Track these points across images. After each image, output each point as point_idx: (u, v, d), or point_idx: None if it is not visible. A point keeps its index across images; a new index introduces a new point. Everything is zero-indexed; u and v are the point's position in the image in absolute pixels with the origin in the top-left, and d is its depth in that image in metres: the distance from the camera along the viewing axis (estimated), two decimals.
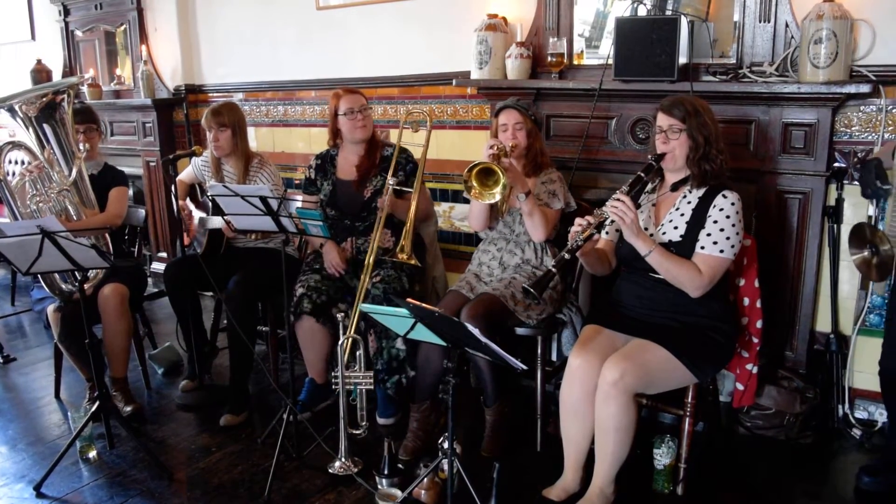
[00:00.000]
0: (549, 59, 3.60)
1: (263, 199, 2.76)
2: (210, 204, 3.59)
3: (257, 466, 3.02)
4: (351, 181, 3.44)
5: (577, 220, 2.54)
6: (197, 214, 3.76)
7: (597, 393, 2.51)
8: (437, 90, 4.19)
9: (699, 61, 3.32)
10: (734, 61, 3.28)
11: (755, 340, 2.87)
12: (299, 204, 3.04)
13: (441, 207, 4.24)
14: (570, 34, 3.64)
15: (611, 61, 3.35)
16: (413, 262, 3.13)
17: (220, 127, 3.57)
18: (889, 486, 2.75)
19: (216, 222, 3.53)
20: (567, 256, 2.52)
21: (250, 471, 3.00)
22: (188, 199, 3.90)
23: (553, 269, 2.52)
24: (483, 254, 3.25)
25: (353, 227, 3.38)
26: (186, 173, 3.93)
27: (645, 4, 3.41)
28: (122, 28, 5.64)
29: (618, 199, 2.49)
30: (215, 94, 5.29)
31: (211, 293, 4.16)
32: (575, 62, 3.68)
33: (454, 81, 3.86)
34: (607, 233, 2.60)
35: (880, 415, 3.20)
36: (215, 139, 3.58)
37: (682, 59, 3.24)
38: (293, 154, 4.98)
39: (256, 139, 5.13)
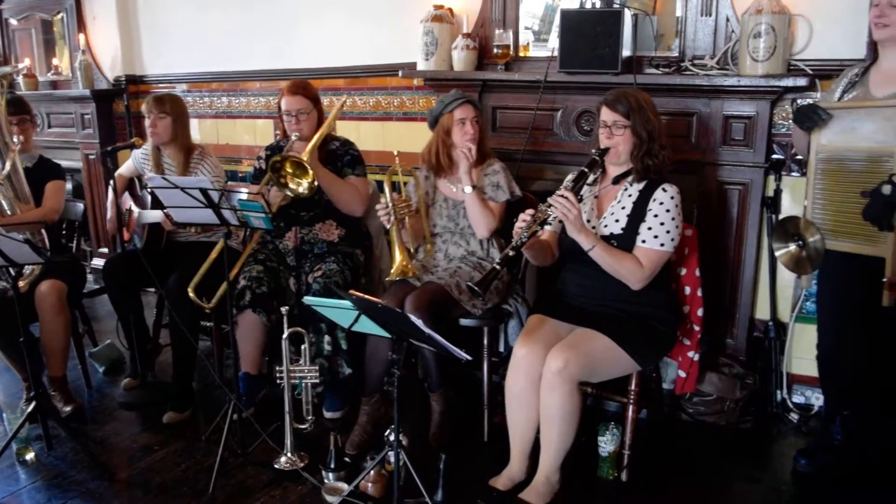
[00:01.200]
0: (495, 50, 3.61)
1: (204, 191, 2.71)
2: (149, 198, 3.51)
3: (201, 464, 2.97)
4: None
5: (521, 217, 2.55)
6: (136, 209, 3.67)
7: (542, 382, 2.53)
8: (384, 81, 4.17)
9: (643, 54, 3.37)
10: (677, 55, 3.33)
11: (696, 328, 2.92)
12: (244, 196, 2.99)
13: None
14: (515, 26, 3.65)
15: (556, 53, 3.36)
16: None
17: (160, 114, 3.49)
18: (824, 467, 2.83)
19: (155, 216, 3.45)
20: (511, 254, 2.52)
21: (194, 468, 2.95)
22: (127, 193, 3.80)
23: (498, 267, 2.52)
24: (422, 253, 3.24)
25: (298, 216, 3.34)
26: (126, 167, 3.84)
27: None
28: (59, 16, 5.47)
29: (561, 195, 2.50)
30: (157, 85, 5.17)
31: (153, 289, 4.07)
32: (521, 54, 3.69)
33: (400, 73, 3.84)
34: (550, 224, 2.61)
35: (816, 399, 3.30)
36: (153, 125, 3.50)
37: (626, 52, 3.28)
38: (238, 146, 4.91)
39: (200, 131, 5.03)
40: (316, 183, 3.00)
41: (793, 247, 2.66)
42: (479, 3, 3.71)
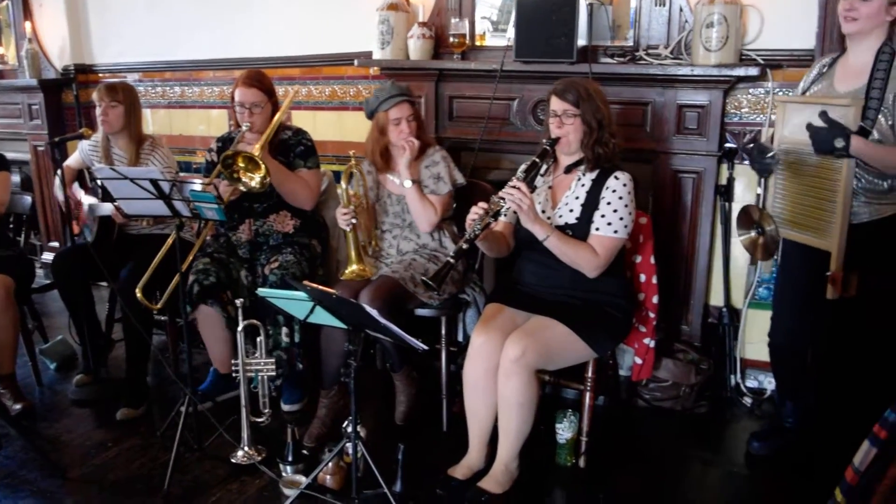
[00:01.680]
0: (452, 39, 3.59)
1: (154, 182, 2.65)
2: (100, 190, 3.43)
3: (156, 460, 2.92)
4: None
5: (474, 209, 2.54)
6: (87, 201, 3.59)
7: (499, 370, 2.54)
8: (340, 71, 4.12)
9: (598, 44, 3.39)
10: (631, 44, 3.35)
11: (651, 315, 2.95)
12: (197, 187, 2.93)
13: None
14: (472, 15, 3.64)
15: (512, 43, 3.36)
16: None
17: (112, 102, 3.41)
18: (776, 449, 2.89)
19: (105, 209, 3.37)
20: (465, 247, 2.52)
21: (149, 465, 2.90)
22: (77, 185, 3.71)
23: (452, 260, 2.52)
24: (380, 241, 3.22)
25: (252, 208, 3.29)
26: (73, 158, 3.74)
27: None
28: (4, 3, 5.29)
29: (514, 187, 2.49)
30: (107, 75, 5.05)
31: (105, 283, 3.99)
32: (477, 43, 3.68)
33: (356, 62, 3.80)
34: (505, 215, 2.61)
35: (769, 383, 3.36)
36: (104, 114, 3.42)
37: (582, 42, 3.30)
38: (192, 137, 4.82)
39: (153, 122, 4.94)
40: (268, 177, 2.95)
41: (753, 233, 2.71)
42: None
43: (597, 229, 2.62)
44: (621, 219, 2.61)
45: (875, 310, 2.58)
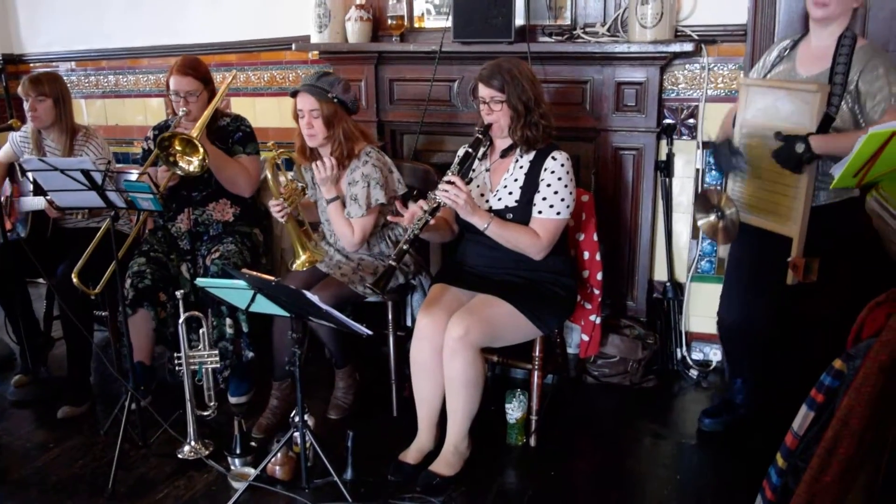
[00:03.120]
0: (390, 21, 3.56)
1: (86, 173, 2.57)
2: (31, 183, 3.32)
3: (100, 459, 2.85)
4: None
5: (411, 208, 2.52)
6: (22, 195, 3.47)
7: (444, 349, 2.53)
8: (278, 56, 4.05)
9: (537, 23, 3.38)
10: (569, 23, 3.35)
11: (596, 292, 2.97)
12: (132, 177, 2.86)
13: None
14: None
15: (451, 24, 3.34)
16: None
17: (38, 96, 3.28)
18: (727, 425, 2.94)
19: (37, 203, 3.27)
20: (405, 248, 2.51)
21: (92, 464, 2.83)
22: (8, 179, 3.59)
23: (393, 263, 2.50)
24: (324, 243, 3.15)
25: (190, 197, 3.22)
26: (3, 151, 3.61)
27: None
28: None
29: (449, 182, 2.48)
30: (38, 65, 4.88)
31: (41, 280, 3.87)
32: (416, 25, 3.65)
33: (294, 46, 3.74)
34: (439, 212, 2.59)
35: (714, 355, 3.43)
36: (33, 108, 3.30)
37: (520, 21, 3.29)
38: (129, 127, 4.69)
39: (88, 113, 4.79)
40: (206, 160, 2.89)
41: (712, 217, 2.68)
42: None
43: (539, 212, 2.62)
44: (562, 199, 2.61)
45: (828, 293, 2.60)
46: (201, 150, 2.85)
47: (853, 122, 2.41)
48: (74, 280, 2.94)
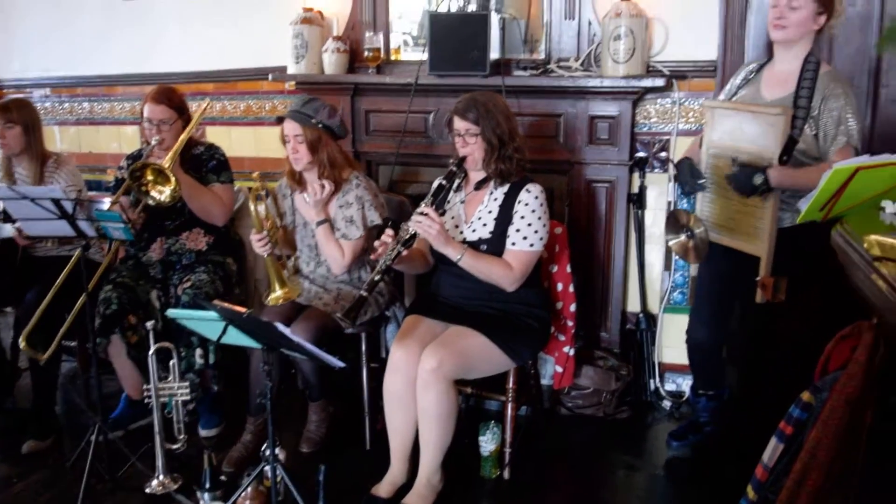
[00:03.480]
0: (366, 53, 3.59)
1: (57, 202, 2.55)
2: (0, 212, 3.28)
3: (66, 494, 2.77)
4: None
5: (383, 238, 2.53)
6: None
7: (417, 381, 2.52)
8: (255, 85, 4.06)
9: (512, 57, 3.43)
10: (543, 57, 3.41)
11: (570, 324, 2.99)
12: (103, 206, 2.84)
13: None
14: (386, 29, 3.64)
15: (427, 56, 3.37)
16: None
17: (7, 123, 3.26)
18: (694, 447, 2.96)
19: (5, 231, 3.22)
20: (377, 278, 2.51)
21: (58, 499, 2.76)
22: None
23: (365, 294, 2.50)
24: (299, 276, 3.14)
25: (163, 226, 3.20)
26: None
27: (457, 0, 3.47)
28: None
29: (422, 213, 2.49)
30: (12, 91, 4.84)
31: (9, 308, 3.81)
32: (393, 57, 3.68)
33: (270, 76, 3.75)
34: (412, 244, 2.59)
35: (687, 386, 3.44)
36: (1, 136, 3.27)
37: (495, 55, 3.33)
38: (103, 154, 4.66)
39: (62, 140, 4.76)
40: (179, 190, 2.87)
41: (682, 237, 2.72)
42: (350, 6, 3.68)
43: (512, 244, 2.63)
44: (536, 231, 2.63)
45: (793, 313, 2.64)
46: (173, 179, 2.84)
47: (815, 145, 2.49)
48: (22, 344, 2.90)
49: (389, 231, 2.54)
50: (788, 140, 2.41)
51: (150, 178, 2.89)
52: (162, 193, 2.89)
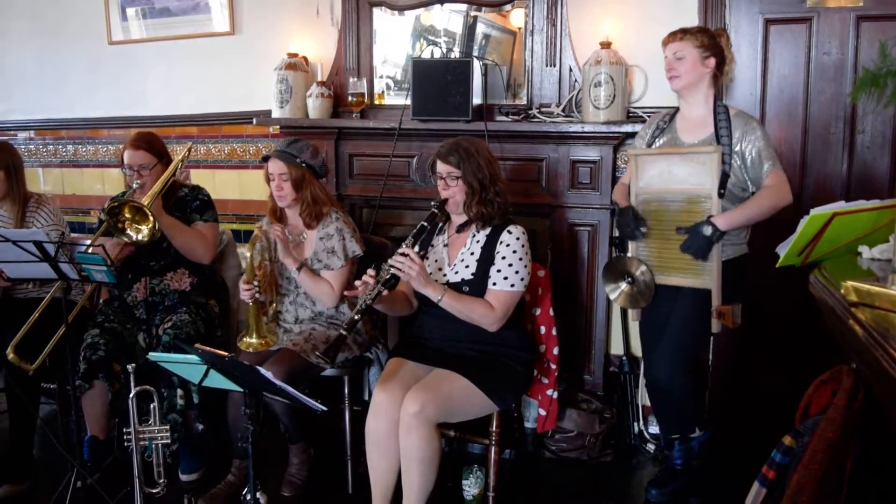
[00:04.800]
0: (350, 98, 3.63)
1: (39, 244, 2.54)
2: None
3: None
4: None
5: (364, 278, 2.55)
6: None
7: (399, 425, 2.50)
8: (240, 129, 4.10)
9: (494, 102, 3.49)
10: (525, 102, 3.47)
11: (553, 367, 2.99)
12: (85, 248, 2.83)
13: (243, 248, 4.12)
14: (370, 74, 3.70)
15: (410, 101, 3.42)
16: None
17: None
18: (674, 494, 2.94)
19: None
20: (357, 318, 2.53)
21: None
22: None
23: (344, 332, 2.50)
24: (279, 304, 3.15)
25: (148, 266, 3.19)
26: None
27: (440, 47, 3.54)
28: None
29: (402, 254, 2.51)
30: None
31: None
32: (377, 102, 3.73)
33: (255, 120, 3.79)
34: (391, 284, 2.60)
35: None
36: None
37: (478, 100, 3.39)
38: (87, 196, 4.65)
39: (46, 181, 4.76)
40: (157, 229, 2.88)
41: (623, 285, 2.82)
42: (334, 52, 3.74)
43: (493, 284, 2.65)
44: (517, 272, 2.65)
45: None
46: (151, 217, 2.85)
47: (743, 178, 2.67)
48: (10, 355, 2.86)
49: (371, 271, 2.55)
50: (722, 175, 2.61)
51: (127, 215, 2.89)
52: (139, 232, 2.89)
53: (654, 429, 3.48)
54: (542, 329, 3.00)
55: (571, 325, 3.39)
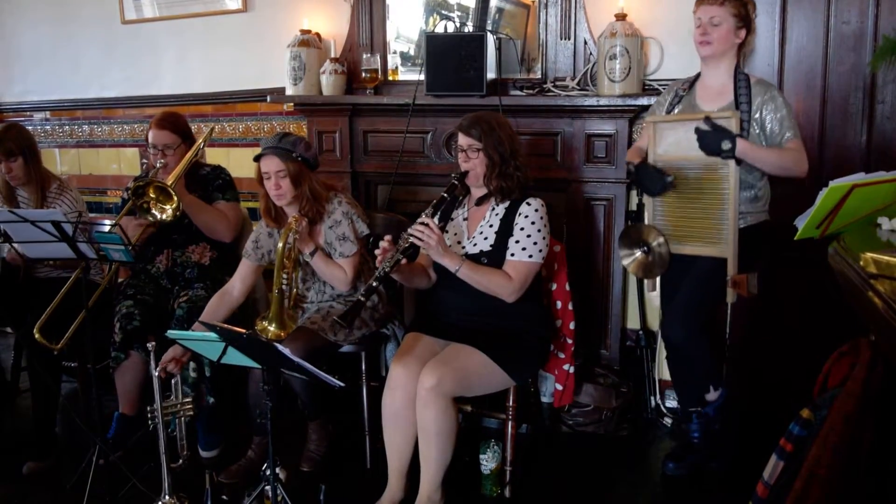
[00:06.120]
0: (364, 75, 3.62)
1: (56, 224, 2.56)
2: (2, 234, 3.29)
3: None
4: None
5: (383, 246, 2.55)
6: None
7: (416, 398, 2.52)
8: (253, 107, 4.10)
9: (508, 76, 3.46)
10: (540, 76, 3.44)
11: (569, 341, 2.99)
12: (105, 228, 2.86)
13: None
14: (384, 50, 3.68)
15: (424, 77, 3.40)
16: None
17: (8, 157, 3.26)
18: (691, 467, 2.95)
19: (4, 250, 3.24)
20: (375, 284, 2.53)
21: None
22: None
23: (363, 298, 2.51)
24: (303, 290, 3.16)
25: (171, 239, 3.22)
26: None
27: (454, 22, 3.51)
28: None
29: (422, 223, 2.52)
30: (12, 115, 4.88)
31: (10, 329, 3.82)
32: (390, 78, 3.71)
33: (268, 98, 3.79)
34: (410, 253, 2.61)
35: None
36: (7, 171, 3.28)
37: (492, 75, 3.36)
38: (103, 176, 4.68)
39: (62, 162, 4.79)
40: (180, 208, 2.91)
41: (638, 253, 2.79)
42: (347, 28, 3.72)
43: (511, 255, 2.65)
44: (535, 243, 2.65)
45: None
46: (175, 197, 2.87)
47: (761, 144, 2.63)
48: (36, 335, 2.90)
49: (388, 237, 2.56)
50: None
51: (152, 195, 2.92)
52: (164, 212, 2.92)
53: (671, 403, 3.49)
54: (559, 304, 3.00)
55: (587, 300, 3.38)
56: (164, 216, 2.93)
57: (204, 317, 2.93)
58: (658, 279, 2.96)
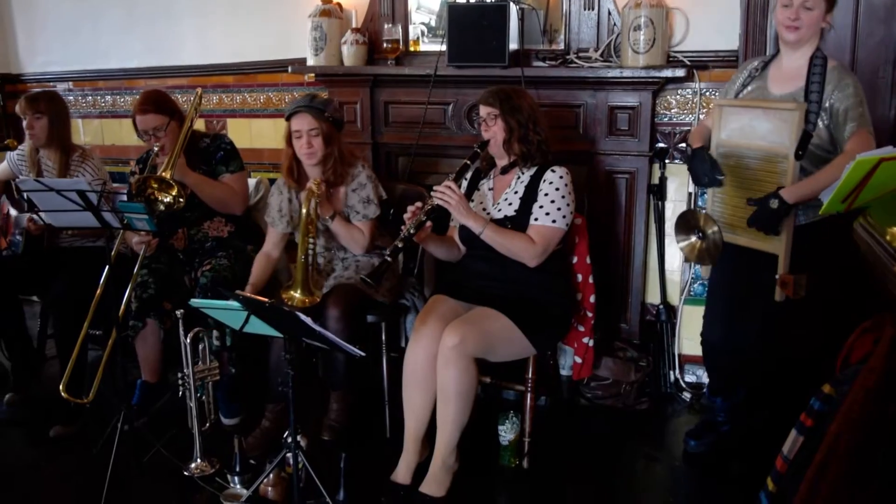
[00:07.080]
0: (385, 45, 3.60)
1: (82, 194, 2.59)
2: (26, 202, 3.33)
3: (92, 480, 2.82)
4: None
5: (409, 208, 2.60)
6: (14, 212, 3.49)
7: (438, 357, 2.54)
8: (275, 78, 4.09)
9: (530, 47, 3.42)
10: (562, 47, 3.39)
11: (589, 315, 2.99)
12: (126, 198, 2.89)
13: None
14: (405, 21, 3.65)
15: (445, 48, 3.37)
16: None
17: (35, 114, 3.31)
18: (711, 445, 2.94)
19: (22, 219, 3.29)
20: (400, 245, 2.56)
21: (84, 485, 2.81)
22: (4, 196, 3.60)
23: (388, 258, 2.54)
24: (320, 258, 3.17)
25: (184, 216, 3.23)
26: (1, 169, 3.63)
27: None
28: None
29: (445, 185, 2.56)
30: (35, 84, 4.91)
31: (37, 297, 3.87)
32: (412, 49, 3.68)
33: (290, 68, 3.77)
34: (434, 214, 2.62)
35: (707, 378, 3.43)
36: (30, 127, 3.33)
37: (514, 46, 3.33)
38: (126, 147, 4.71)
39: (85, 132, 4.82)
40: (188, 190, 2.93)
41: (693, 239, 2.67)
42: None
43: (535, 219, 2.67)
44: (559, 209, 2.66)
45: (807, 310, 2.63)
46: (176, 187, 2.89)
47: (829, 138, 2.48)
48: (63, 394, 2.99)
49: (418, 203, 2.61)
50: (803, 135, 2.40)
51: (154, 185, 2.93)
52: (168, 196, 2.94)
53: (690, 377, 3.49)
54: (579, 277, 2.99)
55: (608, 273, 3.37)
56: (169, 200, 2.94)
57: (253, 278, 3.03)
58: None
